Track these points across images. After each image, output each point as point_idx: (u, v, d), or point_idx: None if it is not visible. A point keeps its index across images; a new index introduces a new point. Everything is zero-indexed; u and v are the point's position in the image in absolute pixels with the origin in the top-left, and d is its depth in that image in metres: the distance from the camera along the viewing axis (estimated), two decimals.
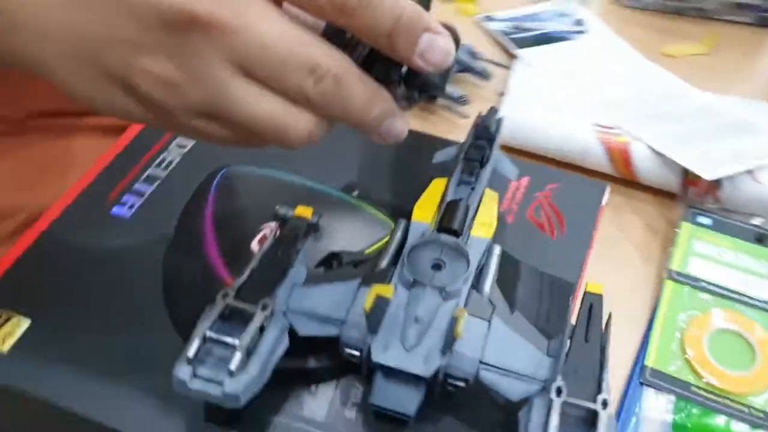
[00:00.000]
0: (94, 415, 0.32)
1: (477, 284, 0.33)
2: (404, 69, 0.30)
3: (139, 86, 0.28)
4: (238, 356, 0.29)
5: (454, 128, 0.65)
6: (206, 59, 0.27)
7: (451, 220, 0.35)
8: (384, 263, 0.34)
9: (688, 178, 0.57)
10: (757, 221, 0.56)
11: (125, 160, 0.43)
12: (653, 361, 0.49)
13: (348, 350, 0.32)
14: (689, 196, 0.57)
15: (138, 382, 0.32)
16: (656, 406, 0.47)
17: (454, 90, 0.64)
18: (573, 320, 0.32)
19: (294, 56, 0.27)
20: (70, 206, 0.40)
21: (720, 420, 0.46)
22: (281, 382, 0.33)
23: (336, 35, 0.29)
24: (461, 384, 0.31)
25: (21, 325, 0.35)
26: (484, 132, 0.40)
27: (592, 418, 0.28)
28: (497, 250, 0.35)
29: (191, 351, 0.29)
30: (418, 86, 0.31)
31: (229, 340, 0.30)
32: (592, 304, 0.33)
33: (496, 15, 0.77)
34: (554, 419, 0.28)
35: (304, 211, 0.36)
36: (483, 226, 0.35)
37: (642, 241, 0.56)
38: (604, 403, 0.28)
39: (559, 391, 0.29)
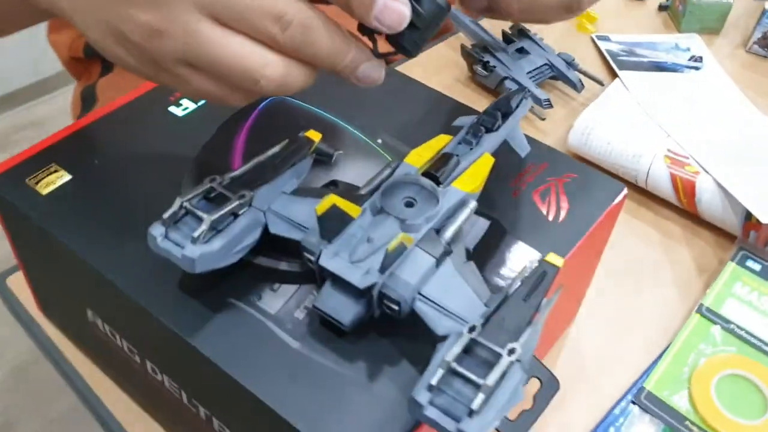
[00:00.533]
0: (94, 263, 0.37)
1: (440, 229, 0.35)
2: None
3: (127, 34, 0.32)
4: (203, 227, 0.33)
5: (530, 126, 0.66)
6: (181, 9, 0.31)
7: (438, 168, 0.37)
8: (364, 190, 0.36)
9: (751, 221, 0.55)
10: None
11: None
12: (653, 385, 0.48)
13: (306, 254, 0.34)
14: (749, 240, 0.55)
15: (143, 248, 0.36)
16: (641, 428, 0.46)
17: (541, 92, 0.65)
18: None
19: (257, 4, 0.30)
20: (137, 99, 0.46)
21: None
22: (252, 277, 0.37)
23: None
24: (395, 306, 0.33)
25: (62, 177, 0.41)
26: (503, 104, 0.41)
27: (496, 362, 0.29)
28: (472, 204, 0.36)
29: (167, 214, 0.33)
30: (393, 42, 0.34)
31: (200, 213, 0.33)
32: (546, 272, 0.34)
33: (613, 36, 0.76)
34: (456, 349, 0.29)
35: (313, 135, 0.40)
36: (467, 181, 0.37)
37: (687, 274, 0.55)
38: (511, 351, 0.29)
39: (472, 329, 0.30)
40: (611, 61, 0.72)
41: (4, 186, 0.41)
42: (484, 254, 0.38)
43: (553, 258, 0.35)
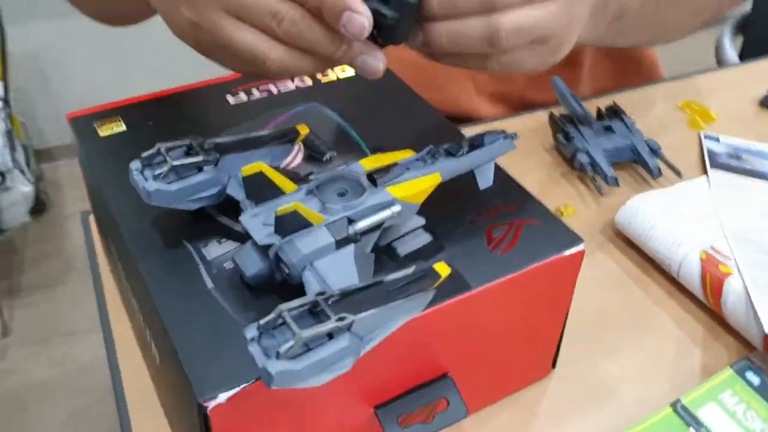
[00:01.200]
0: (105, 192, 0.46)
1: (355, 219, 0.39)
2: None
3: (181, 25, 0.43)
4: (164, 170, 0.40)
5: (586, 197, 0.66)
6: (210, 8, 0.40)
7: (379, 171, 0.41)
8: (313, 177, 0.42)
9: None
10: None
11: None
12: None
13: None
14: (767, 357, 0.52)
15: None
16: None
17: (610, 170, 0.66)
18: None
19: (258, 5, 0.39)
20: (204, 87, 0.55)
21: None
22: (209, 230, 0.43)
23: None
24: (286, 270, 0.38)
25: (119, 127, 0.51)
26: (477, 138, 0.45)
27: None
28: (396, 207, 0.40)
29: (145, 154, 0.41)
30: (381, 35, 0.40)
31: (168, 159, 0.41)
32: (425, 276, 0.37)
33: (723, 138, 0.74)
34: (295, 303, 0.33)
35: (302, 128, 0.46)
36: (401, 189, 0.41)
37: (689, 372, 0.52)
38: (341, 318, 0.33)
39: (321, 293, 0.34)
40: (707, 158, 0.70)
41: (78, 124, 0.51)
42: (412, 262, 0.41)
43: (441, 267, 0.37)
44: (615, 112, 0.72)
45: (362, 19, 0.38)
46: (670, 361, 0.54)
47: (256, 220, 0.39)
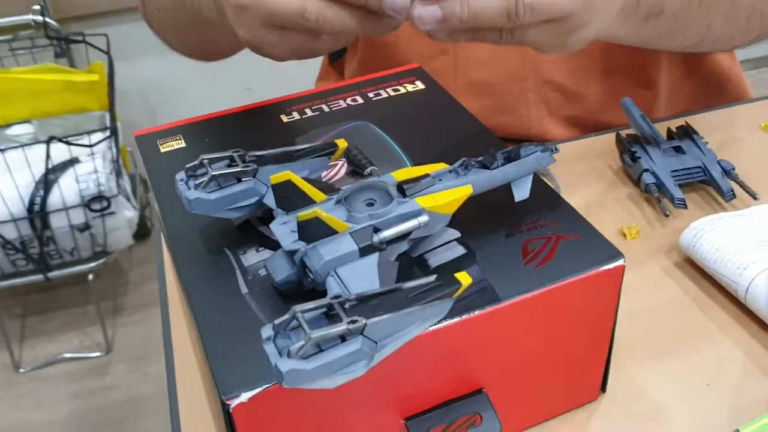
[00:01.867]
0: (160, 196, 0.49)
1: (380, 228, 0.40)
2: None
3: (230, 12, 0.48)
4: (205, 179, 0.42)
5: (652, 219, 0.64)
6: (251, 21, 0.46)
7: (408, 182, 0.42)
8: (344, 188, 0.43)
9: None
10: None
11: (317, 96, 0.59)
12: None
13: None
14: None
15: None
16: None
17: (678, 191, 0.63)
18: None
19: (289, 13, 0.44)
20: (261, 107, 0.58)
21: None
22: (249, 238, 0.45)
23: None
24: (310, 275, 0.39)
25: (179, 144, 0.54)
26: (514, 151, 0.44)
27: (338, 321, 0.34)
28: (423, 218, 0.40)
29: (189, 165, 0.44)
30: None
31: (209, 169, 0.43)
32: (445, 284, 0.37)
33: None
34: (310, 305, 0.34)
35: (341, 143, 0.47)
36: (430, 199, 0.41)
37: (746, 402, 0.49)
38: (353, 321, 0.33)
39: (336, 297, 0.35)
40: None
41: (142, 141, 0.55)
42: (443, 274, 0.41)
43: (462, 276, 0.37)
44: (686, 131, 0.70)
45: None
46: (732, 389, 0.51)
47: (285, 228, 0.40)
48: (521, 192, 0.45)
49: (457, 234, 0.44)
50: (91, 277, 1.61)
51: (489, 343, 0.43)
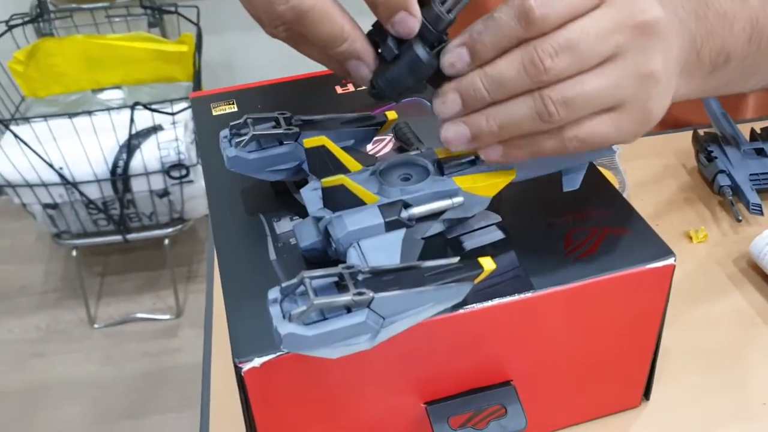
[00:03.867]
0: (206, 160, 0.49)
1: (411, 203, 0.38)
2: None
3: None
4: (246, 138, 0.42)
5: (723, 223, 0.60)
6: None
7: (449, 160, 0.40)
8: (384, 160, 0.41)
9: None
10: None
11: None
12: None
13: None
14: None
15: None
16: None
17: (755, 196, 0.59)
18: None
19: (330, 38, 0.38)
20: (316, 77, 0.57)
21: None
22: (285, 205, 0.44)
23: None
24: (333, 245, 0.37)
25: (231, 108, 0.54)
26: None
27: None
28: (458, 198, 0.38)
29: (233, 123, 0.43)
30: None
31: (252, 130, 0.42)
32: (465, 267, 0.35)
33: None
34: (319, 272, 0.33)
35: (391, 114, 0.45)
36: (470, 180, 0.39)
37: None
38: (360, 293, 0.32)
39: (349, 267, 0.34)
40: None
41: (197, 103, 0.55)
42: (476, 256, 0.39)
43: (485, 261, 0.35)
44: None
45: (415, 23, 0.37)
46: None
47: (315, 194, 0.39)
48: (572, 182, 0.42)
49: (497, 218, 0.42)
50: (167, 242, 1.66)
51: (520, 334, 0.41)
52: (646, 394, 0.47)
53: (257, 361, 0.36)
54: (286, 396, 0.38)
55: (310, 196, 0.39)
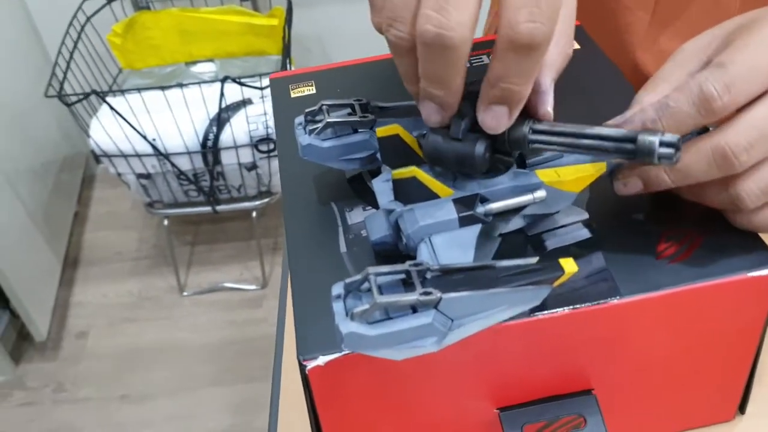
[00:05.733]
0: (281, 144, 0.47)
1: (488, 198, 0.35)
2: None
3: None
4: (319, 126, 0.40)
5: None
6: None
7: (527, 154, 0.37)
8: None
9: None
10: None
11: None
12: None
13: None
14: None
15: None
16: None
17: None
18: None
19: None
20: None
21: None
22: (359, 194, 0.43)
23: None
24: (404, 240, 0.35)
25: (309, 90, 0.52)
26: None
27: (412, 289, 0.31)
28: (540, 193, 0.35)
29: (309, 109, 0.42)
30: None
31: (326, 117, 0.40)
32: (546, 269, 0.32)
33: None
34: (385, 268, 0.31)
35: None
36: (554, 174, 0.36)
37: None
38: (426, 293, 0.30)
39: (417, 265, 0.31)
40: None
41: (275, 84, 0.54)
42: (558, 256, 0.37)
43: (567, 263, 0.33)
44: None
45: (503, 119, 0.34)
46: None
47: (387, 185, 0.37)
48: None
49: (584, 215, 0.39)
50: (254, 214, 1.68)
51: (604, 342, 0.38)
52: (742, 408, 0.43)
53: (322, 360, 0.35)
54: (352, 396, 0.37)
55: (382, 187, 0.37)
